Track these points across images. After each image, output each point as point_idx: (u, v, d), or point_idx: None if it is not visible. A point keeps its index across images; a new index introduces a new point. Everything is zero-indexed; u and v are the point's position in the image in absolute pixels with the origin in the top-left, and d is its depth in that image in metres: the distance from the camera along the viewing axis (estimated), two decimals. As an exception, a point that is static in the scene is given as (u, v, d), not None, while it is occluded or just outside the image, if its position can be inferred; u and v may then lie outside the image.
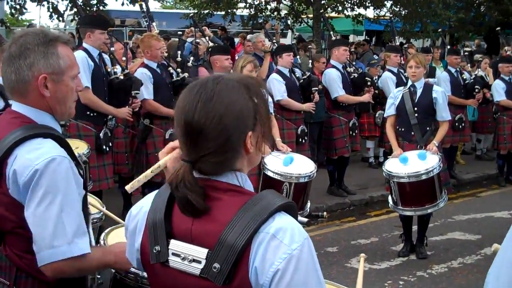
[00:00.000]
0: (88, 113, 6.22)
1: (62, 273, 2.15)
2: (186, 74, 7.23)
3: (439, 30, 14.10)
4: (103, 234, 3.15)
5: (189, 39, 10.15)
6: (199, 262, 1.60)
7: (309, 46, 11.70)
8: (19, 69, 2.22)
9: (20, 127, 2.21)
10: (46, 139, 2.19)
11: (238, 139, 1.64)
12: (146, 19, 7.56)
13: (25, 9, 13.40)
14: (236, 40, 15.55)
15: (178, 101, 1.68)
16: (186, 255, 1.63)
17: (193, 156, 1.63)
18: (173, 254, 1.65)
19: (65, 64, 2.26)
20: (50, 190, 2.10)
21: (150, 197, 1.79)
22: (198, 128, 1.60)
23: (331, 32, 9.94)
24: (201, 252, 1.61)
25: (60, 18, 13.57)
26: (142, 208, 1.79)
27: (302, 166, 6.14)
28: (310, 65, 9.20)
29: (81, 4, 12.03)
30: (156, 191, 1.79)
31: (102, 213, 3.73)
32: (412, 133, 6.49)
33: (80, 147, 5.40)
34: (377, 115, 10.03)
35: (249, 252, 1.56)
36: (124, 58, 8.27)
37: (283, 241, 1.55)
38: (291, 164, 6.05)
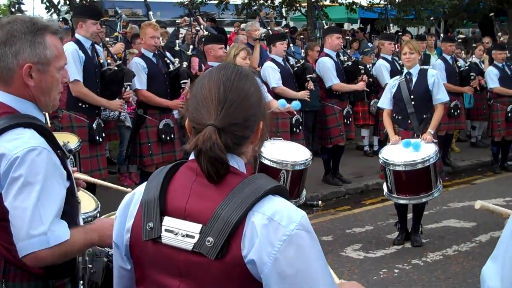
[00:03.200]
0: (80, 104, 6.18)
1: (44, 262, 2.14)
2: (185, 63, 7.19)
3: (432, 18, 14.07)
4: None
5: (184, 29, 10.09)
6: (192, 237, 1.64)
7: (301, 36, 11.68)
8: (3, 56, 2.19)
9: (1, 117, 2.19)
10: (27, 129, 2.17)
11: (254, 123, 1.73)
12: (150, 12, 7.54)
13: (23, 3, 13.35)
14: (227, 29, 15.54)
15: (203, 76, 1.77)
16: (179, 230, 1.66)
17: (223, 123, 1.66)
18: (166, 230, 1.68)
19: (51, 55, 2.24)
20: (28, 180, 2.09)
21: (144, 184, 1.82)
22: (235, 95, 1.69)
23: (324, 21, 9.90)
24: (194, 227, 1.64)
25: (57, 11, 13.52)
26: (136, 193, 1.82)
27: (298, 153, 6.11)
28: (303, 53, 9.17)
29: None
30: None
31: (97, 210, 3.71)
32: (409, 121, 6.48)
33: (70, 141, 5.36)
34: (371, 104, 10.02)
35: (242, 228, 1.61)
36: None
37: (281, 223, 1.61)
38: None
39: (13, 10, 13.07)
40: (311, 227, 1.66)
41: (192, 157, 1.76)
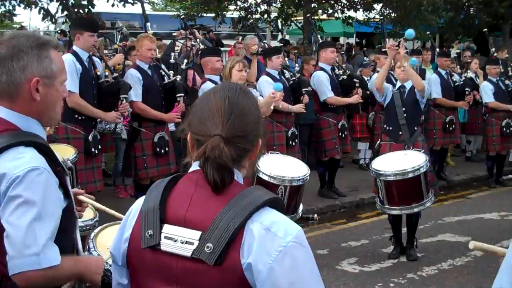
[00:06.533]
0: (76, 116, 6.18)
1: (33, 283, 2.11)
2: (179, 77, 7.19)
3: (428, 32, 14.14)
4: (93, 234, 3.12)
5: (179, 42, 10.12)
6: (192, 243, 1.67)
7: (295, 51, 11.75)
8: (11, 71, 2.18)
9: (2, 134, 2.18)
10: (28, 148, 2.17)
11: (255, 138, 1.81)
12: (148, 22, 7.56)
13: (15, 15, 13.33)
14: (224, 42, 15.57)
15: (209, 92, 1.84)
16: (179, 237, 1.69)
17: (228, 134, 1.72)
18: (166, 237, 1.71)
19: (57, 69, 2.25)
20: (26, 199, 2.08)
21: (143, 197, 1.86)
22: (240, 110, 1.76)
23: (318, 36, 9.96)
24: (194, 234, 1.68)
25: (53, 20, 13.53)
26: (136, 204, 1.86)
27: (295, 169, 6.08)
28: (298, 67, 9.19)
29: (71, 4, 12.03)
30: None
31: (95, 219, 3.69)
32: (400, 133, 6.52)
33: (67, 152, 5.36)
34: (370, 116, 10.05)
35: (241, 236, 1.65)
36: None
37: (278, 234, 1.66)
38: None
39: (3, 19, 13.04)
40: (307, 242, 1.71)
41: (192, 169, 1.80)
